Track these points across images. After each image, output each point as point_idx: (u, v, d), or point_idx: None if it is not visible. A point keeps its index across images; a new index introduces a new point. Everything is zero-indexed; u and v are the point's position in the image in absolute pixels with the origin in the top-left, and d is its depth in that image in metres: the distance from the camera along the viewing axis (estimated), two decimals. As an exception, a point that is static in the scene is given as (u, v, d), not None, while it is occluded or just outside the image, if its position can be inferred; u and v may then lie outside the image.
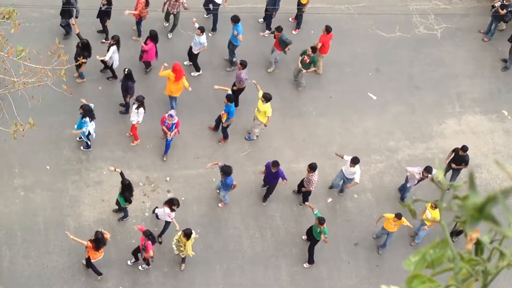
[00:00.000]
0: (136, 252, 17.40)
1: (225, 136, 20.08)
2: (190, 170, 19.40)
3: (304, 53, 20.93)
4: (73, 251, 17.75)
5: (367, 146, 20.79)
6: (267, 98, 19.18)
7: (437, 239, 2.56)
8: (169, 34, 22.11)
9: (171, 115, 18.61)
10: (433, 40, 23.57)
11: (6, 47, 15.15)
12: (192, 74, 21.27)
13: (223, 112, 19.40)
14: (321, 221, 17.37)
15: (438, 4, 24.75)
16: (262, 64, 21.91)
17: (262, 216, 19.09)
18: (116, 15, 21.33)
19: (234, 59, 21.54)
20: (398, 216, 17.74)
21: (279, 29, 21.16)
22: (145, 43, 20.48)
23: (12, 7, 15.14)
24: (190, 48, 20.98)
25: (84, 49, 19.42)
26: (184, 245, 16.89)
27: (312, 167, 18.34)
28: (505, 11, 22.85)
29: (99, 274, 17.39)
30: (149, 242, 16.63)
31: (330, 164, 20.22)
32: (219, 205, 19.03)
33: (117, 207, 18.30)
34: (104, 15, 21.12)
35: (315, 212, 17.77)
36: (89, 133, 18.72)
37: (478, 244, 2.51)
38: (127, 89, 19.56)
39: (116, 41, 19.75)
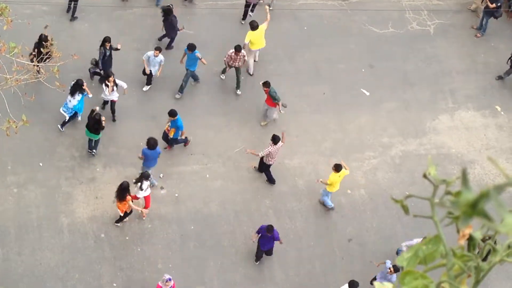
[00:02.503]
0: None
1: (183, 141, 19.55)
2: (183, 166, 19.38)
3: None
4: (67, 248, 17.73)
5: (361, 142, 20.81)
6: (252, 26, 20.45)
7: (430, 235, 2.57)
8: (237, 91, 21.13)
9: (169, 279, 16.32)
10: (426, 36, 23.59)
11: (-2, 44, 15.11)
12: (144, 89, 20.72)
13: (169, 128, 18.84)
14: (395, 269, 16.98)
15: (431, 0, 24.76)
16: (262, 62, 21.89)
17: (256, 212, 19.08)
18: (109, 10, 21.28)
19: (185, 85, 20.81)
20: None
21: (266, 84, 19.76)
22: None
23: (5, 3, 15.09)
24: (144, 70, 20.31)
25: (40, 44, 18.91)
26: None
27: (272, 139, 18.56)
28: (494, 5, 22.84)
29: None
30: None
31: (324, 161, 20.23)
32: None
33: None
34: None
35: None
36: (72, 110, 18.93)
37: (471, 240, 2.51)
38: (172, 25, 20.40)
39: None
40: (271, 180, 19.46)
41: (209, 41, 21.99)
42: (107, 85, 19.12)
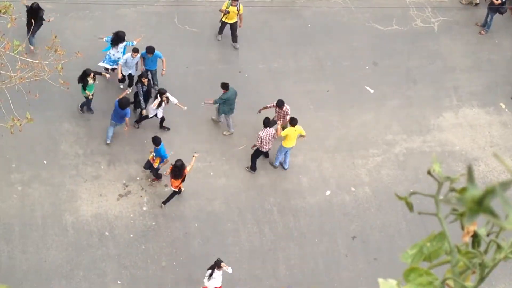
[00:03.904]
0: None
1: (159, 176, 18.98)
2: (187, 164, 19.37)
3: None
4: (71, 246, 17.76)
5: (365, 140, 20.79)
6: None
7: (434, 232, 2.57)
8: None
9: None
10: (430, 33, 23.55)
11: (2, 42, 15.14)
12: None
13: (154, 157, 18.28)
14: None
15: (435, -3, 24.74)
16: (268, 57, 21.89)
17: (260, 210, 19.10)
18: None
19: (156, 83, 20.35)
20: None
21: (225, 86, 19.41)
22: None
23: (9, 1, 15.10)
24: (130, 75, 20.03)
25: (32, 13, 19.36)
26: None
27: (263, 123, 18.67)
28: (499, 1, 22.80)
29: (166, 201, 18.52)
30: None
31: (328, 158, 20.23)
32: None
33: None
34: None
35: None
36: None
37: (475, 237, 2.51)
38: None
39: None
40: (253, 168, 19.50)
41: (213, 39, 22.00)
42: (162, 100, 19.06)
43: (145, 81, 19.24)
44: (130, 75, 20.15)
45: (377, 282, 2.59)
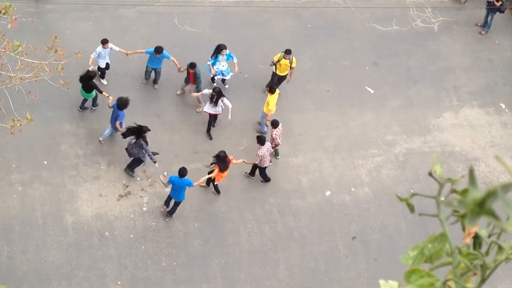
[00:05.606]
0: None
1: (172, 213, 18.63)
2: (188, 164, 19.34)
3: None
4: (71, 246, 17.76)
5: (365, 140, 20.80)
6: None
7: (436, 233, 2.56)
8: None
9: None
10: (430, 34, 23.56)
11: (3, 42, 15.15)
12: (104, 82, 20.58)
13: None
14: None
15: (435, -3, 24.75)
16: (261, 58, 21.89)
17: (260, 210, 19.10)
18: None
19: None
20: None
21: (192, 66, 19.66)
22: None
23: (9, 2, 15.11)
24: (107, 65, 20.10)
25: None
26: None
27: (259, 141, 18.48)
28: (500, 2, 22.82)
29: (219, 192, 19.02)
30: None
31: (328, 158, 20.23)
32: None
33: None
34: None
35: None
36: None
37: (477, 238, 2.51)
38: None
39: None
40: (266, 179, 19.45)
41: (214, 40, 21.97)
42: (215, 97, 19.19)
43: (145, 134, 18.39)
44: (107, 65, 20.14)
45: (377, 282, 2.59)
